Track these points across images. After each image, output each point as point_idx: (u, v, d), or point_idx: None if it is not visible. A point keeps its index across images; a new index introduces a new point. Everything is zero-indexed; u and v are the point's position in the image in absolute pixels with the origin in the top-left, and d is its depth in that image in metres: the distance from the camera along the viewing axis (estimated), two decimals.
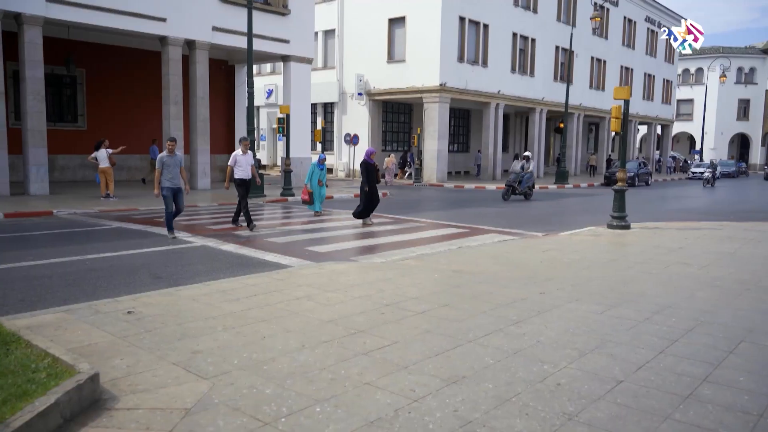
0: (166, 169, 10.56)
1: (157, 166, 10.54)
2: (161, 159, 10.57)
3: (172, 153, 10.66)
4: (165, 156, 10.62)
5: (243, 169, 11.95)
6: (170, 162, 10.60)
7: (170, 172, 10.58)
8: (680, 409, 3.70)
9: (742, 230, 12.75)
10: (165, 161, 10.56)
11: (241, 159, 11.92)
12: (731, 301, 6.62)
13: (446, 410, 3.61)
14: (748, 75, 66.09)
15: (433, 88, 28.86)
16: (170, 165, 10.59)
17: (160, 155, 10.68)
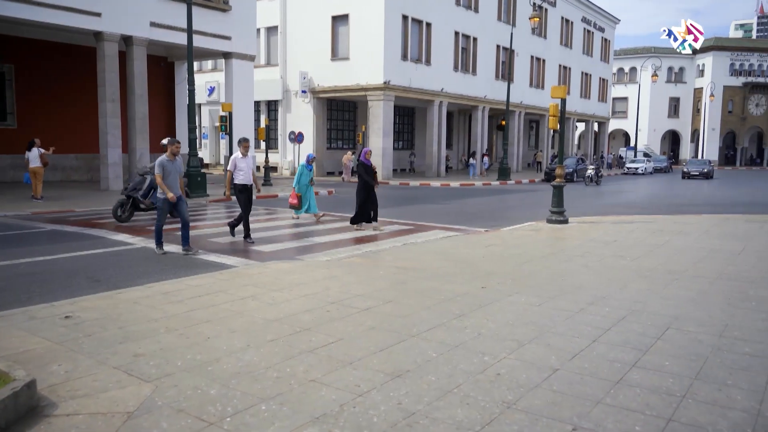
0: (167, 176, 9.07)
1: (156, 171, 9.04)
2: (161, 164, 9.02)
3: (173, 157, 9.17)
4: (165, 160, 9.05)
5: (244, 174, 10.44)
6: (171, 168, 9.12)
7: (171, 180, 9.11)
8: (611, 394, 3.91)
9: (671, 223, 13.39)
10: (166, 166, 9.02)
11: (241, 163, 10.42)
12: (661, 290, 6.98)
13: (390, 403, 3.70)
14: (678, 74, 69.17)
15: (378, 86, 29.00)
16: (171, 171, 9.11)
17: (161, 159, 9.10)
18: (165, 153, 9.11)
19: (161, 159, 9.07)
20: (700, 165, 42.62)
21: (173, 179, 9.12)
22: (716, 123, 65.66)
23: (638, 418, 3.56)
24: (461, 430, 3.37)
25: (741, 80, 65.99)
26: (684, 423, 3.51)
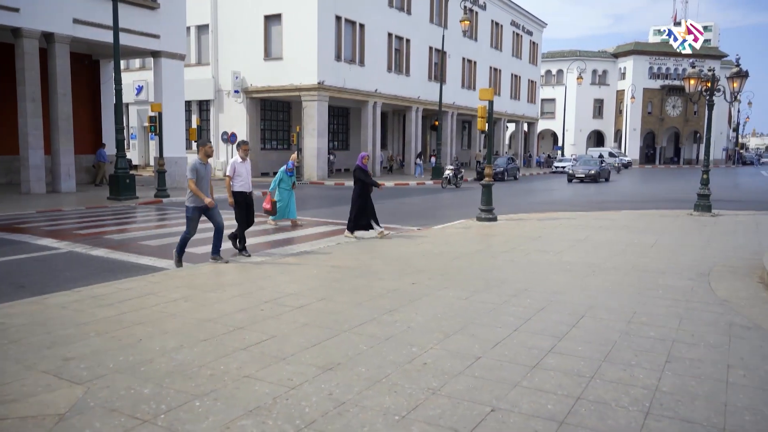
0: (200, 181, 8.27)
1: (189, 175, 8.20)
2: (194, 167, 8.21)
3: (206, 160, 8.44)
4: (198, 163, 8.27)
5: (244, 180, 9.38)
6: (204, 172, 8.36)
7: (204, 185, 8.34)
8: (527, 377, 4.21)
9: (592, 219, 14.13)
10: (199, 170, 8.23)
11: (240, 168, 9.37)
12: (579, 282, 7.43)
13: (322, 394, 3.87)
14: (602, 77, 72.22)
15: (312, 86, 28.98)
16: (204, 176, 8.36)
17: (194, 162, 8.33)
18: (197, 156, 8.43)
19: (194, 162, 8.33)
20: (588, 165, 34.25)
21: (206, 184, 8.37)
22: (637, 123, 68.98)
23: (550, 398, 3.86)
24: (388, 415, 3.57)
25: (659, 83, 69.55)
26: (591, 400, 3.84)
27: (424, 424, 3.47)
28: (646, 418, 3.61)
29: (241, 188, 9.32)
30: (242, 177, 9.32)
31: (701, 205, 15.51)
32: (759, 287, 7.24)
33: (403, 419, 3.53)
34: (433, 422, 3.50)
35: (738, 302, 6.49)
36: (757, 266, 8.29)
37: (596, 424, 3.52)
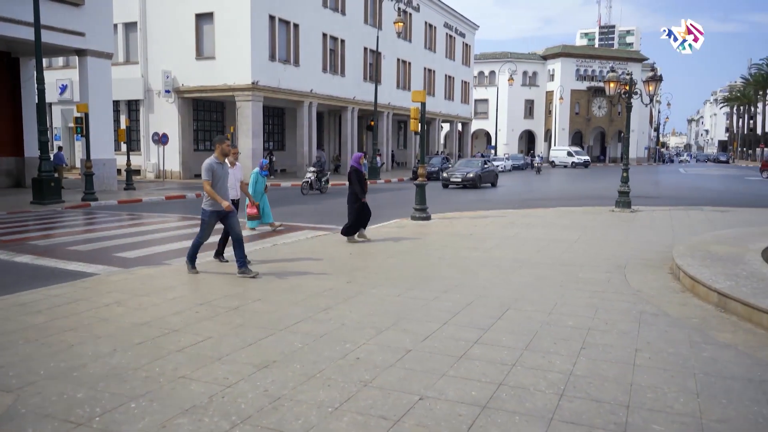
0: (216, 182, 7.52)
1: (205, 177, 7.45)
2: (210, 167, 7.43)
3: (224, 159, 7.66)
4: (215, 163, 7.47)
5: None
6: (222, 173, 7.58)
7: (221, 187, 7.58)
8: (454, 367, 4.47)
9: (521, 216, 14.71)
10: (215, 170, 7.45)
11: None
12: (506, 277, 7.81)
13: (257, 391, 3.99)
14: (532, 78, 74.53)
15: (246, 86, 28.67)
16: (221, 176, 7.55)
17: (209, 162, 7.46)
18: (213, 155, 7.60)
19: (210, 162, 7.49)
20: (467, 168, 28.78)
21: (223, 186, 7.59)
22: (566, 123, 71.59)
23: (475, 385, 4.13)
24: (322, 408, 3.74)
25: (585, 84, 72.37)
26: (512, 386, 4.13)
27: (356, 414, 3.66)
28: (560, 399, 3.92)
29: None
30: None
31: (622, 201, 16.38)
32: (669, 278, 7.81)
33: (336, 410, 3.71)
34: (364, 412, 3.69)
35: (649, 292, 7.00)
36: (669, 259, 8.90)
37: (515, 406, 3.80)
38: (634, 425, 3.57)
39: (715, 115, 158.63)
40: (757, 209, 17.03)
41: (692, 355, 4.82)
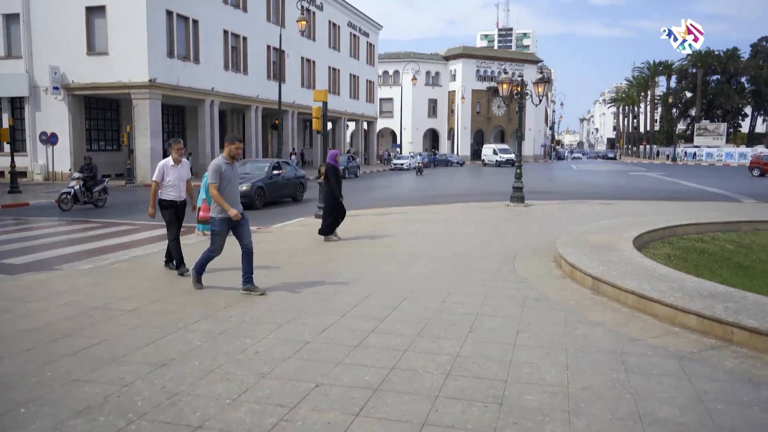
0: (225, 186, 6.59)
1: (212, 179, 6.48)
2: (218, 168, 6.51)
3: (232, 161, 6.73)
4: (223, 163, 6.59)
5: (175, 187, 7.87)
6: (231, 175, 6.67)
7: (231, 192, 6.70)
8: (350, 355, 4.70)
9: (422, 213, 15.24)
10: (224, 172, 6.55)
11: (172, 172, 7.86)
12: (404, 270, 8.15)
13: (155, 389, 4.03)
14: (435, 78, 76.50)
15: (142, 83, 27.60)
16: (231, 179, 6.67)
17: (216, 162, 6.59)
18: (221, 155, 6.76)
19: (218, 163, 6.58)
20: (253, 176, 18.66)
21: (233, 190, 6.73)
22: (467, 122, 74.07)
23: (369, 371, 4.38)
24: (220, 400, 3.85)
25: (485, 85, 75.11)
26: (403, 369, 4.42)
27: (254, 403, 3.80)
28: (446, 378, 4.24)
29: (172, 196, 7.87)
30: (174, 183, 7.86)
31: (516, 197, 17.32)
32: (552, 266, 8.45)
33: (234, 401, 3.83)
34: (261, 401, 3.84)
35: (534, 279, 7.56)
36: (554, 248, 9.59)
37: (405, 387, 4.08)
38: (510, 397, 3.94)
39: (603, 114, 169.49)
40: (636, 201, 18.55)
41: (566, 333, 5.32)
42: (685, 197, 21.10)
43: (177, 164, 7.91)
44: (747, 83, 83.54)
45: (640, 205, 17.24)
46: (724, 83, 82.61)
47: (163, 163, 7.91)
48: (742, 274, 8.99)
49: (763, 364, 4.55)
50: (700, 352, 4.85)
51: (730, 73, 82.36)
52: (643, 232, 10.19)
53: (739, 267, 9.54)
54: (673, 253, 9.77)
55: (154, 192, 7.87)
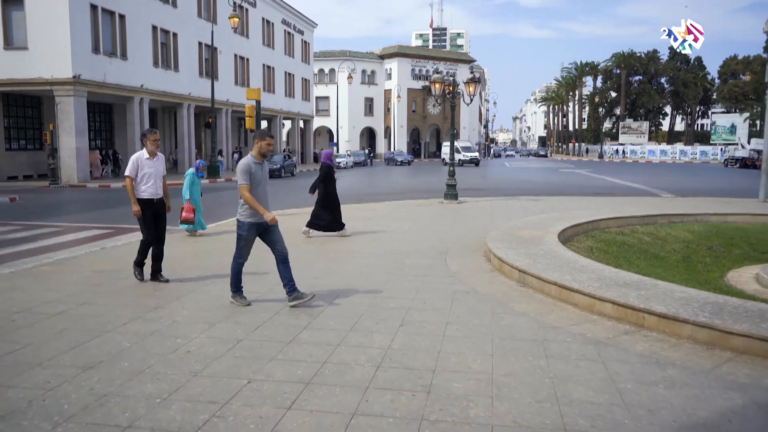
0: (256, 187, 6.04)
1: (242, 180, 5.91)
2: (247, 168, 5.94)
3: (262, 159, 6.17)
4: (252, 163, 6.00)
5: (151, 183, 7.15)
6: (261, 176, 6.14)
7: (261, 193, 6.14)
8: (283, 351, 4.77)
9: (358, 210, 15.34)
10: (255, 173, 6.01)
11: (147, 165, 7.14)
12: (338, 267, 8.25)
13: (82, 391, 3.98)
14: (371, 77, 76.79)
15: (66, 80, 26.49)
16: (261, 180, 6.12)
17: (246, 162, 5.98)
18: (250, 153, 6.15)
19: (247, 162, 5.96)
20: None
21: (264, 191, 6.17)
22: (404, 121, 74.78)
23: (301, 365, 4.46)
24: (150, 399, 3.84)
25: (421, 84, 76.03)
26: (335, 363, 4.52)
27: (185, 401, 3.82)
28: (377, 370, 4.38)
29: (148, 194, 7.15)
30: (151, 179, 7.15)
31: (449, 194, 17.70)
32: (483, 260, 8.74)
33: (165, 400, 3.83)
34: (193, 399, 3.85)
35: (464, 274, 7.82)
36: (484, 244, 9.92)
37: (337, 380, 4.19)
38: (438, 385, 4.11)
39: (535, 113, 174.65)
40: (564, 197, 19.32)
41: (492, 323, 5.56)
42: (609, 193, 22.13)
43: (152, 157, 7.15)
44: (666, 84, 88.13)
45: (568, 200, 17.97)
46: (645, 83, 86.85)
47: (137, 156, 7.13)
48: (657, 264, 9.55)
49: (669, 346, 4.91)
50: (614, 337, 5.18)
51: (651, 74, 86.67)
52: (567, 227, 10.66)
53: (654, 258, 10.13)
54: (595, 245, 10.27)
55: (132, 188, 7.08)
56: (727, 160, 54.86)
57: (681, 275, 8.81)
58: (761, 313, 5.16)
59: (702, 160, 69.27)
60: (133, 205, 7.11)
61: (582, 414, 3.69)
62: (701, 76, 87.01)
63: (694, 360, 4.60)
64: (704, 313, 5.18)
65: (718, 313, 5.15)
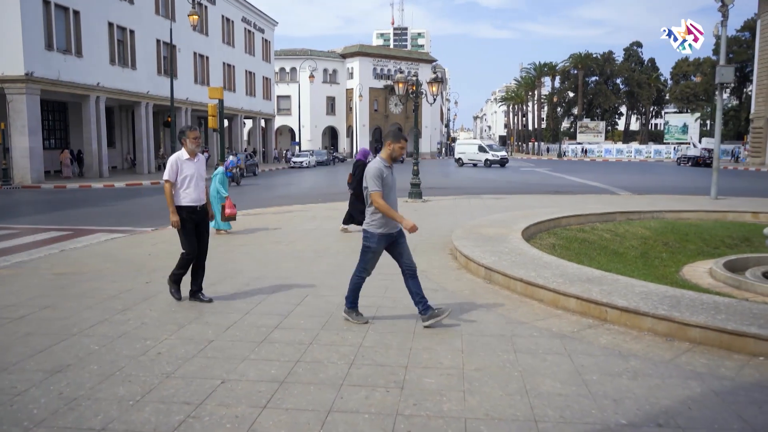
0: (389, 193, 5.42)
1: (374, 186, 5.27)
2: (378, 173, 5.30)
3: (391, 163, 5.52)
4: (383, 166, 5.37)
5: (193, 188, 6.18)
6: (391, 180, 5.48)
7: (393, 198, 5.51)
8: (255, 351, 4.77)
9: (322, 210, 15.35)
10: (386, 179, 5.37)
11: (188, 168, 6.15)
12: (307, 267, 8.25)
13: (51, 395, 3.91)
14: (332, 76, 76.56)
15: (18, 77, 25.66)
16: (392, 186, 5.50)
17: (378, 167, 5.32)
18: (379, 155, 5.51)
19: (378, 166, 5.33)
20: None
21: (394, 199, 5.52)
22: (366, 120, 74.77)
23: (274, 365, 4.47)
24: (122, 402, 3.81)
25: (382, 83, 76.21)
26: (308, 361, 4.55)
27: (158, 403, 3.79)
28: (350, 367, 4.42)
29: (191, 201, 6.17)
30: (193, 183, 6.18)
31: (414, 192, 17.83)
32: (449, 258, 8.87)
33: (138, 402, 3.80)
34: (166, 401, 3.83)
35: (432, 271, 7.91)
36: (450, 242, 10.05)
37: (310, 378, 4.22)
38: (410, 381, 4.19)
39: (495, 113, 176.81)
40: (526, 195, 19.68)
41: (461, 320, 5.66)
42: (569, 191, 22.63)
43: (193, 158, 6.20)
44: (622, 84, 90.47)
45: (529, 199, 18.31)
46: (602, 84, 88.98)
47: (176, 157, 6.16)
48: (617, 260, 9.85)
49: (631, 339, 5.10)
50: (579, 330, 5.35)
51: (606, 74, 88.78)
52: (530, 224, 10.90)
53: (614, 254, 10.43)
54: (558, 242, 10.53)
55: (170, 194, 6.12)
56: (679, 159, 56.64)
57: (640, 270, 9.11)
58: (716, 306, 5.40)
59: (656, 159, 71.31)
60: (172, 215, 6.09)
61: (551, 405, 3.81)
62: (654, 77, 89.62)
63: (655, 351, 4.79)
64: (663, 306, 5.38)
65: (676, 306, 5.37)
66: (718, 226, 12.90)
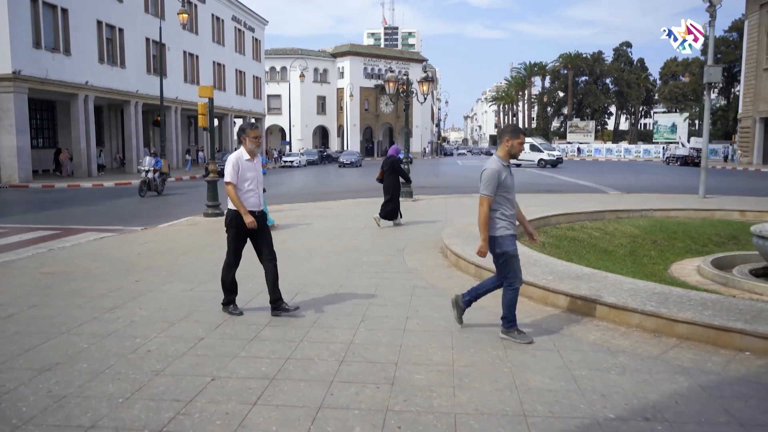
0: (508, 195, 5.07)
1: (487, 190, 4.91)
2: (497, 176, 4.91)
3: (509, 162, 5.19)
4: (502, 166, 5.01)
5: (254, 191, 5.75)
6: (511, 183, 5.17)
7: (512, 199, 5.20)
8: (245, 349, 4.77)
9: (315, 209, 15.34)
10: (505, 180, 5.01)
11: (248, 168, 5.70)
12: (298, 265, 8.25)
13: (40, 393, 3.90)
14: (323, 75, 76.44)
15: (5, 76, 25.46)
16: (512, 189, 5.18)
17: (497, 167, 4.95)
18: (495, 152, 5.14)
19: (497, 165, 4.96)
20: None
21: (513, 197, 5.23)
22: (357, 119, 74.72)
23: (265, 362, 4.47)
24: (112, 399, 3.80)
25: (373, 82, 76.17)
26: (298, 358, 4.55)
27: (148, 400, 3.79)
28: (341, 364, 4.43)
29: (250, 204, 5.70)
30: (251, 184, 5.72)
31: (404, 191, 17.79)
32: (439, 256, 8.89)
33: (128, 400, 3.79)
34: (156, 398, 3.83)
35: (422, 270, 7.94)
36: (441, 240, 10.08)
37: (301, 375, 4.22)
38: (401, 377, 4.20)
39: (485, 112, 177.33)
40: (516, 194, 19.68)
41: (452, 318, 5.68)
42: (559, 190, 22.72)
43: (253, 158, 5.76)
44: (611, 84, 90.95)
45: (519, 197, 18.24)
46: (591, 84, 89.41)
47: (236, 157, 5.66)
48: (606, 258, 9.92)
49: (620, 335, 5.14)
50: (568, 326, 5.38)
51: (596, 74, 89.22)
52: None
53: (603, 252, 10.50)
54: (547, 240, 10.57)
55: (237, 196, 5.61)
56: (668, 158, 57.02)
57: (628, 268, 9.18)
58: (703, 302, 5.45)
59: (645, 158, 71.72)
60: (245, 216, 5.57)
61: (540, 400, 3.84)
62: (644, 77, 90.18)
63: (643, 347, 4.83)
64: (651, 302, 5.43)
65: (664, 303, 5.42)
66: (706, 224, 13.01)
